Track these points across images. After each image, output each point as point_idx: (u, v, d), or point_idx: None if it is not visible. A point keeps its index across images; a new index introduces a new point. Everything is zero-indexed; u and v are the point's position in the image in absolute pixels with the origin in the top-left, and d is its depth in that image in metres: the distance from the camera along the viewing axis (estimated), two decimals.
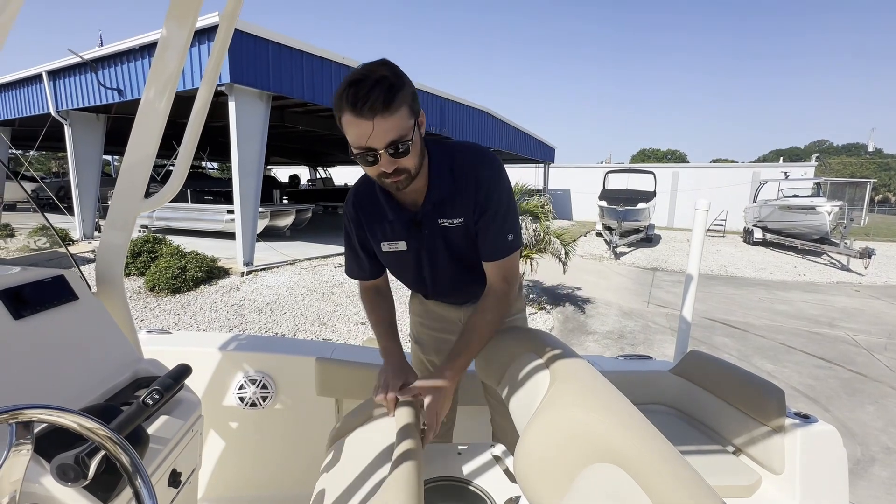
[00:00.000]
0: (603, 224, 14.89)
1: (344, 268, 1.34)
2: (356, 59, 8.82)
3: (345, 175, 27.83)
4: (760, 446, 1.40)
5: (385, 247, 1.18)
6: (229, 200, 9.06)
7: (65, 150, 10.19)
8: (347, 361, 1.55)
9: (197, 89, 1.20)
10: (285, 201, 14.48)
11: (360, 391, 1.57)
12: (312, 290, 6.58)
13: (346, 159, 23.49)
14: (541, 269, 6.37)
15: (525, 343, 1.12)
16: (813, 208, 12.34)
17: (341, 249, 10.95)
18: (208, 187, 12.02)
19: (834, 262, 11.26)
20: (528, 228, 5.75)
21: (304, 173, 24.12)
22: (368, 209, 1.16)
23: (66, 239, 9.24)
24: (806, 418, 1.33)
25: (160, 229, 10.76)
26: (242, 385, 1.53)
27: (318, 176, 22.57)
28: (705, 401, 1.50)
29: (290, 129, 11.73)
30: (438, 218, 1.11)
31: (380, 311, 1.30)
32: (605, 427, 0.73)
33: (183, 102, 2.29)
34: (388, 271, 1.33)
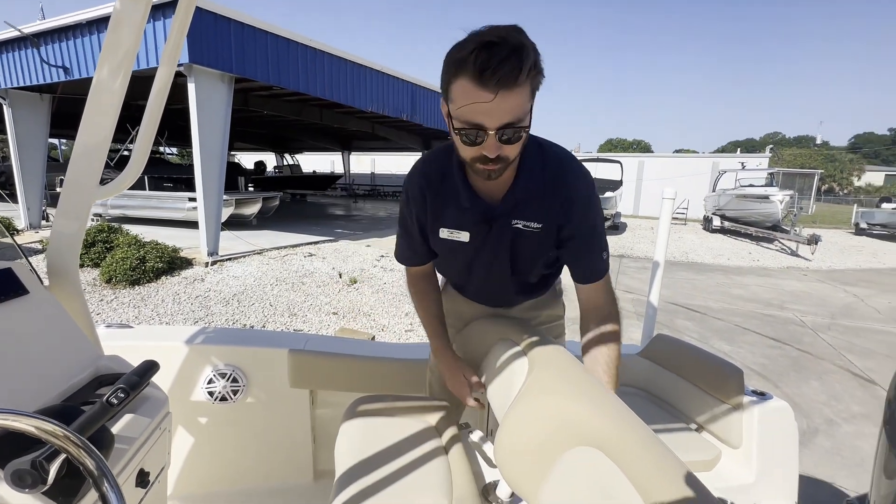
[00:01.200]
0: None
1: (394, 252, 1.24)
2: (326, 43, 8.55)
3: (312, 162, 27.18)
4: (720, 423, 1.48)
5: (444, 233, 1.05)
6: (190, 187, 8.68)
7: (5, 132, 9.45)
8: (322, 353, 1.52)
9: (155, 69, 1.13)
10: (251, 189, 14.02)
11: (335, 382, 1.56)
12: (281, 280, 6.43)
13: (314, 145, 22.91)
14: None
15: (503, 330, 1.13)
16: (766, 197, 13.01)
17: (311, 238, 10.64)
18: (168, 173, 11.47)
19: (784, 248, 11.94)
20: None
21: (270, 160, 23.32)
22: (438, 188, 1.02)
23: (10, 228, 8.62)
24: (762, 395, 1.41)
25: (115, 218, 10.20)
26: (211, 379, 1.48)
27: (285, 162, 21.87)
28: (670, 382, 1.57)
29: (255, 113, 11.29)
30: (514, 218, 0.99)
31: (430, 304, 1.22)
32: (584, 412, 0.75)
33: (139, 83, 2.16)
34: None
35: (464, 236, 1.04)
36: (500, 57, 0.72)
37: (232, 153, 21.68)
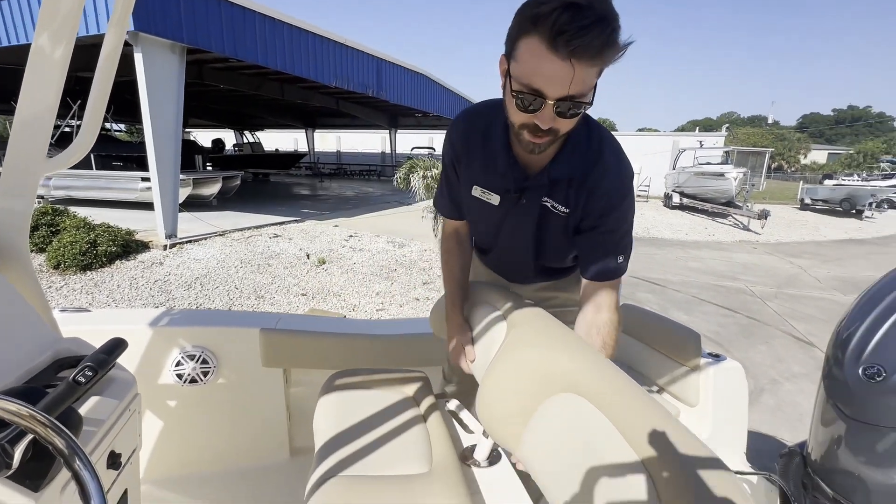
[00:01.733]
0: None
1: (433, 200, 1.23)
2: (287, 13, 8.12)
3: (275, 140, 26.11)
4: (679, 384, 1.59)
5: (476, 191, 1.03)
6: (142, 167, 8.19)
7: None
8: (295, 331, 1.51)
9: (103, 35, 1.05)
10: (209, 168, 13.37)
11: (309, 360, 1.55)
12: (246, 262, 6.25)
13: (276, 122, 21.97)
14: None
15: (480, 295, 1.15)
16: (722, 175, 13.62)
17: (276, 219, 10.37)
18: (117, 151, 10.73)
19: (738, 222, 12.60)
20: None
21: (229, 138, 22.21)
22: (478, 144, 0.99)
23: None
24: (717, 357, 1.51)
25: (59, 200, 9.52)
26: (179, 361, 1.44)
27: (245, 140, 20.88)
28: (634, 347, 1.66)
29: (211, 87, 10.69)
30: (545, 196, 0.96)
31: (454, 266, 1.20)
32: (563, 361, 0.78)
33: (84, 52, 1.99)
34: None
35: (494, 199, 1.01)
36: (583, 23, 0.65)
37: (187, 130, 20.49)
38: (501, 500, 0.88)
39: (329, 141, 27.97)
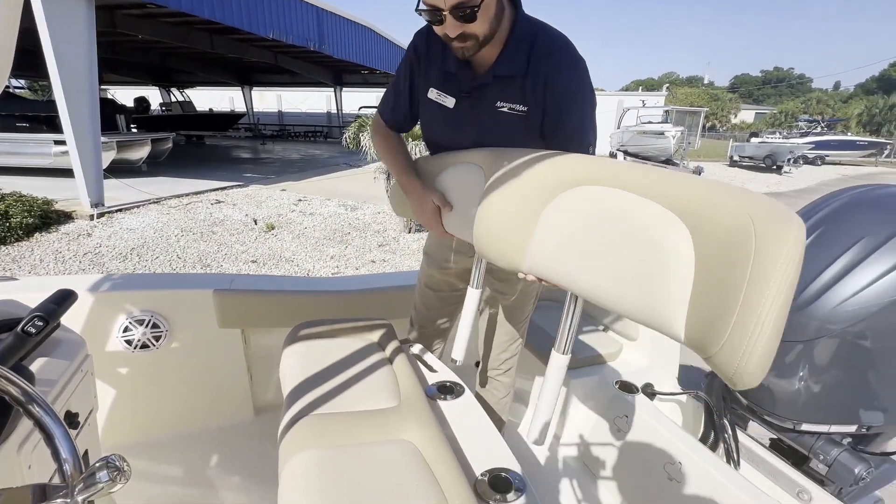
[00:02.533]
0: None
1: (378, 104, 1.23)
2: None
3: (207, 99, 24.01)
4: (622, 322, 1.73)
5: (433, 94, 1.08)
6: (54, 128, 7.32)
7: None
8: (252, 290, 1.48)
9: None
10: (134, 130, 12.15)
11: (268, 319, 1.53)
12: (188, 231, 5.89)
13: (208, 79, 20.09)
14: None
15: (434, 164, 1.15)
16: (662, 133, 14.25)
17: (217, 184, 9.78)
18: (21, 110, 9.46)
19: None
20: (420, 154, 5.72)
21: (154, 97, 20.13)
22: (437, 49, 1.05)
23: None
24: None
25: None
26: (127, 327, 1.37)
27: (174, 99, 19.04)
28: None
29: (127, 37, 9.54)
30: (498, 100, 1.01)
31: (394, 144, 1.20)
32: (564, 163, 0.80)
33: None
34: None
35: (449, 101, 1.07)
36: None
37: (104, 88, 18.37)
38: (468, 428, 0.94)
39: (269, 100, 26.14)
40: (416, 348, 1.22)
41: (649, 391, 1.54)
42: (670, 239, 0.62)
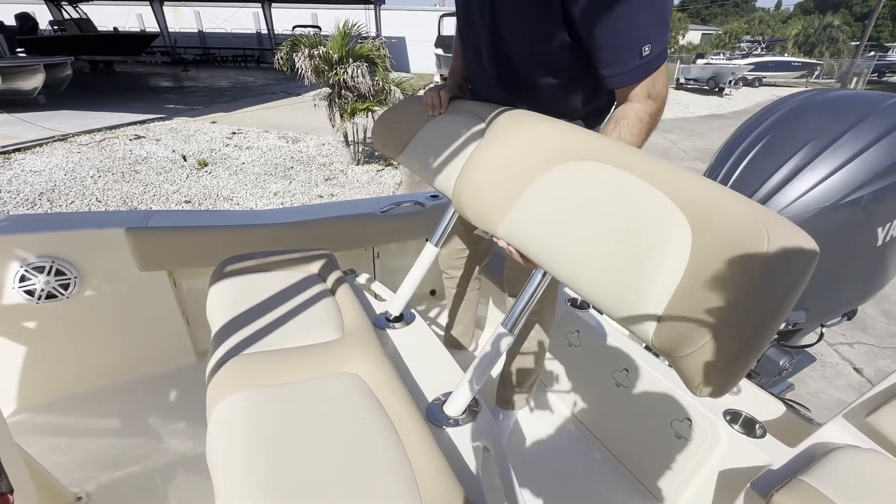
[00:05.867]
0: (441, 76, 14.62)
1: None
2: None
3: (109, 15, 20.45)
4: None
5: None
6: None
7: None
8: (173, 227, 1.31)
9: None
10: (21, 53, 10.31)
11: (197, 258, 1.39)
12: (106, 171, 5.27)
13: None
14: None
15: (457, 104, 1.07)
16: None
17: (134, 117, 8.77)
18: None
19: None
20: (365, 77, 5.28)
21: (42, 13, 16.92)
22: None
23: None
24: None
25: None
26: (24, 276, 1.19)
27: (67, 16, 16.14)
28: None
29: None
30: None
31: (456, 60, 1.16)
32: (571, 139, 0.75)
33: None
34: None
35: None
36: None
37: None
38: (420, 355, 0.91)
39: (186, 18, 22.73)
40: (363, 278, 1.15)
41: None
42: (667, 230, 0.58)
